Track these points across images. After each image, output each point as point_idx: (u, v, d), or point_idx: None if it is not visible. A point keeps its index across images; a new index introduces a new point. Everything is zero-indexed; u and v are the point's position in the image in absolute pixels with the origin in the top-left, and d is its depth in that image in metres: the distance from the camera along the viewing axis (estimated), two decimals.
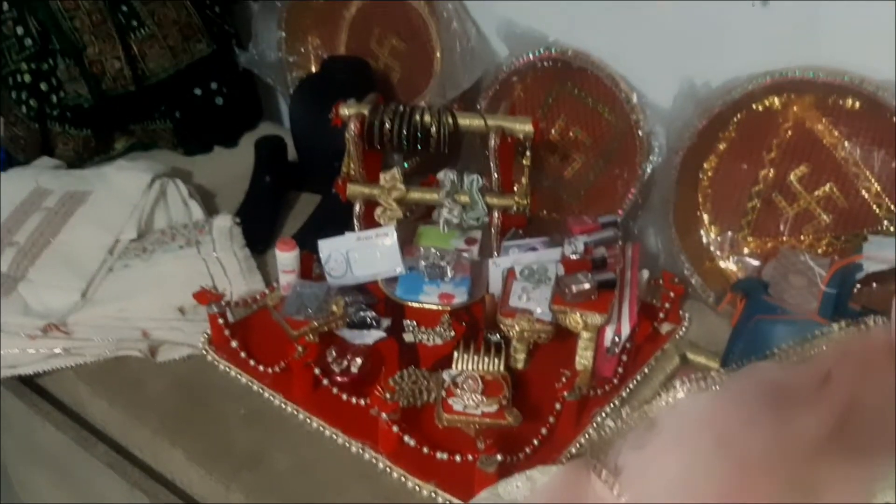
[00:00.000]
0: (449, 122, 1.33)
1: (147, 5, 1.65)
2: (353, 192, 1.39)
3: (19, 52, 1.66)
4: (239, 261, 1.42)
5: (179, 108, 1.75)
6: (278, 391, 1.21)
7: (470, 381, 1.11)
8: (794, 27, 1.26)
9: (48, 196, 1.51)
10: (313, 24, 1.77)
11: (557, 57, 1.48)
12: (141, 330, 1.30)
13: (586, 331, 1.17)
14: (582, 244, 1.22)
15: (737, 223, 1.39)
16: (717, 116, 1.32)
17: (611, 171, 1.50)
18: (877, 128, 1.23)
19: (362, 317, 1.29)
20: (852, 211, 1.29)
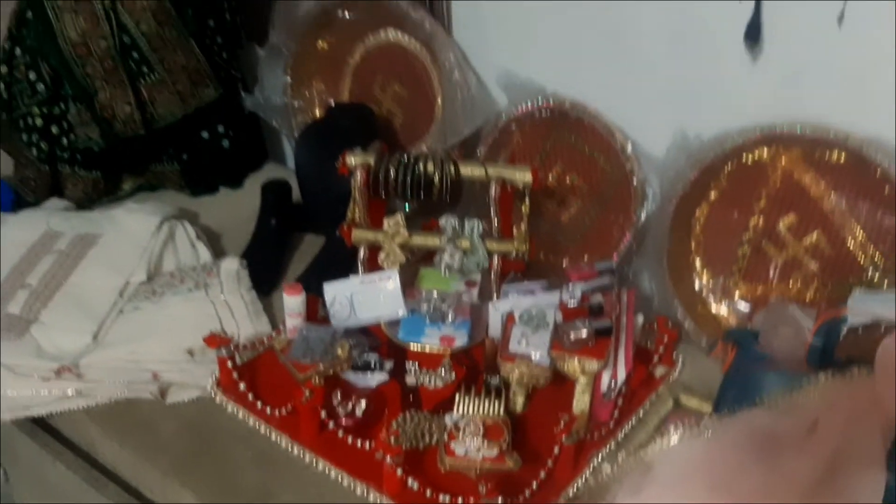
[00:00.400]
0: (451, 172, 1.39)
1: (157, 52, 1.70)
2: (358, 237, 1.43)
3: (31, 97, 1.71)
4: (246, 303, 1.46)
5: (187, 151, 1.80)
6: (285, 433, 1.24)
7: (471, 426, 1.15)
8: (782, 83, 1.31)
9: (59, 238, 1.56)
10: (318, 69, 1.83)
11: (555, 107, 1.54)
12: (151, 372, 1.34)
13: (584, 376, 1.21)
14: (579, 291, 1.26)
15: (728, 269, 1.44)
16: (708, 167, 1.38)
17: (606, 216, 1.55)
18: (861, 181, 1.28)
19: (366, 360, 1.33)
20: (839, 259, 1.34)
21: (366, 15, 1.70)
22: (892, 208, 1.26)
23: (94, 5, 1.64)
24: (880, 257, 1.30)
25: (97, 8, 1.64)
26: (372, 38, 1.75)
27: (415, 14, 1.60)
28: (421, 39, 1.66)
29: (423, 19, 1.60)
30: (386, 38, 1.73)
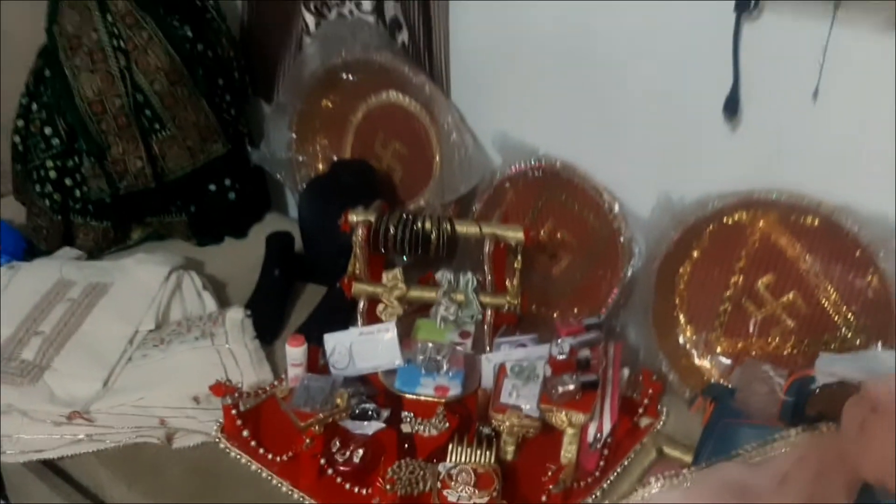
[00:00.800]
0: (448, 230, 1.47)
1: (169, 109, 1.78)
2: (358, 290, 1.51)
3: (46, 150, 1.79)
4: (250, 352, 1.53)
5: (195, 203, 1.88)
6: (286, 479, 1.31)
7: (463, 475, 1.22)
8: (759, 152, 1.40)
9: (72, 287, 1.62)
10: (322, 126, 1.91)
11: (547, 167, 1.62)
12: (158, 418, 1.40)
13: (571, 428, 1.28)
14: (568, 346, 1.33)
15: (710, 325, 1.51)
16: (691, 227, 1.46)
17: (595, 271, 1.63)
18: (834, 244, 1.36)
19: (364, 408, 1.39)
20: (814, 317, 1.41)
21: (368, 77, 1.79)
22: (863, 271, 1.34)
23: (110, 65, 1.72)
24: (853, 317, 1.38)
25: (113, 68, 1.73)
26: (374, 99, 1.84)
27: (415, 78, 1.69)
28: (421, 101, 1.75)
29: (424, 83, 1.69)
30: (387, 99, 1.82)
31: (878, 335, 1.34)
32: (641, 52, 1.46)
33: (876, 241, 1.30)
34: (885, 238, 1.30)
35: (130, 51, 1.74)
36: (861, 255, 1.33)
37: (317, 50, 1.80)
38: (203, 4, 1.86)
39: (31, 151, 1.83)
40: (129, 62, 1.74)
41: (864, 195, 1.31)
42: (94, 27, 1.72)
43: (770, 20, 1.33)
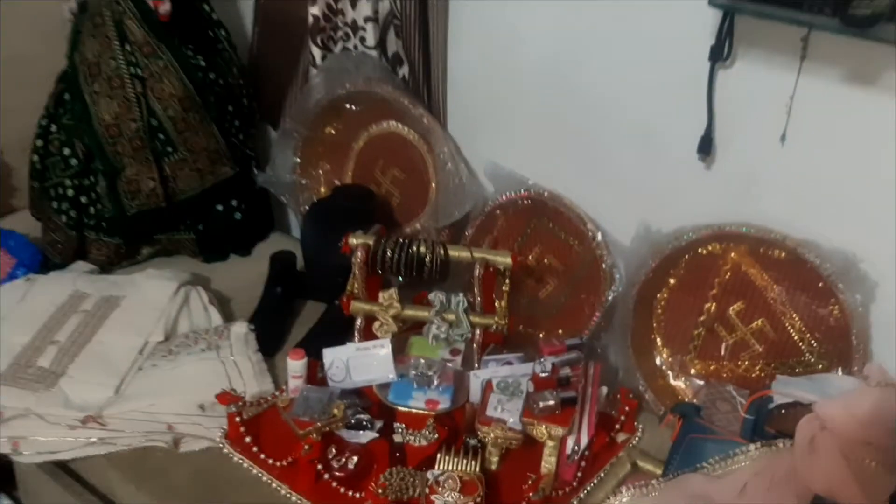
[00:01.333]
0: (441, 254, 1.57)
1: (181, 134, 1.89)
2: (356, 308, 1.61)
3: (64, 170, 1.90)
4: (252, 364, 1.62)
5: (202, 222, 1.98)
6: (285, 483, 1.40)
7: (450, 481, 1.31)
8: (731, 189, 1.51)
9: (86, 299, 1.72)
10: (325, 152, 2.02)
11: (535, 196, 1.73)
12: (166, 424, 1.50)
13: (550, 440, 1.38)
14: (550, 364, 1.44)
15: (685, 347, 1.62)
16: (668, 257, 1.57)
17: (578, 295, 1.73)
18: (799, 276, 1.47)
19: (359, 419, 1.49)
20: (780, 342, 1.52)
21: (370, 108, 1.90)
22: (825, 301, 1.44)
23: (127, 91, 1.83)
24: (816, 343, 1.48)
25: (129, 94, 1.83)
26: (375, 128, 1.95)
27: (414, 110, 1.80)
28: (419, 131, 1.85)
29: (422, 115, 1.80)
30: (387, 128, 1.93)
31: (840, 360, 1.45)
32: (625, 93, 1.58)
33: (837, 273, 1.41)
34: (846, 271, 1.41)
35: (147, 78, 1.85)
36: (823, 286, 1.43)
37: (322, 81, 1.91)
38: (215, 35, 1.97)
39: (49, 170, 1.93)
40: (144, 89, 1.85)
41: (827, 231, 1.42)
42: (112, 55, 1.83)
43: (742, 69, 1.44)
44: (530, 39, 1.67)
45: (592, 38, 1.59)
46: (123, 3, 1.83)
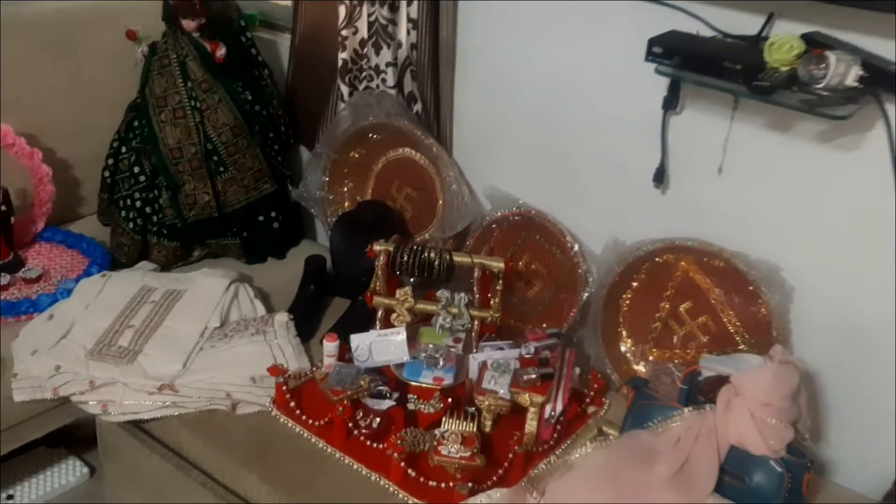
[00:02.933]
0: (447, 259, 1.94)
1: (232, 156, 2.25)
2: (378, 302, 1.98)
3: (134, 185, 2.26)
4: (293, 346, 1.99)
5: (247, 230, 2.35)
6: (322, 438, 1.76)
7: (453, 436, 1.68)
8: (681, 210, 1.88)
9: (153, 292, 2.09)
10: (350, 172, 2.38)
11: (525, 213, 2.10)
12: (225, 392, 1.86)
13: (532, 406, 1.74)
14: (533, 348, 1.80)
15: (645, 338, 1.98)
16: (630, 264, 1.93)
17: (559, 295, 2.10)
18: (734, 281, 1.83)
19: (380, 390, 1.85)
20: (721, 335, 1.88)
21: (389, 136, 2.27)
22: (754, 301, 1.80)
23: (188, 121, 2.20)
24: (747, 335, 1.84)
25: (190, 123, 2.20)
26: (392, 153, 2.32)
27: (426, 140, 2.17)
28: (429, 157, 2.22)
29: (432, 144, 2.17)
30: (403, 154, 2.30)
31: (766, 348, 1.78)
32: (599, 132, 1.95)
33: (762, 279, 1.77)
34: (769, 277, 1.77)
35: (204, 110, 2.22)
36: (752, 290, 1.79)
37: (349, 113, 2.28)
38: (259, 74, 2.35)
39: (118, 185, 2.30)
40: (202, 118, 2.22)
41: (754, 244, 1.79)
42: (177, 90, 2.20)
43: (688, 115, 1.82)
44: (524, 85, 2.05)
45: (574, 85, 1.96)
46: (187, 48, 2.21)
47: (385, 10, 2.13)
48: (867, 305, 1.71)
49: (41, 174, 2.32)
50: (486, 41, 2.09)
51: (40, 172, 2.32)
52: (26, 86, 2.33)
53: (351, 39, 2.21)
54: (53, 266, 2.27)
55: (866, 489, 1.73)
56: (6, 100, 2.26)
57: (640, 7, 1.78)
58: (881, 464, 1.71)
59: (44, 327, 1.98)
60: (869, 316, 1.71)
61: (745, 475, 1.51)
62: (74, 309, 2.03)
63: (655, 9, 1.76)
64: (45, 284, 2.17)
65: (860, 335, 1.73)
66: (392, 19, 2.15)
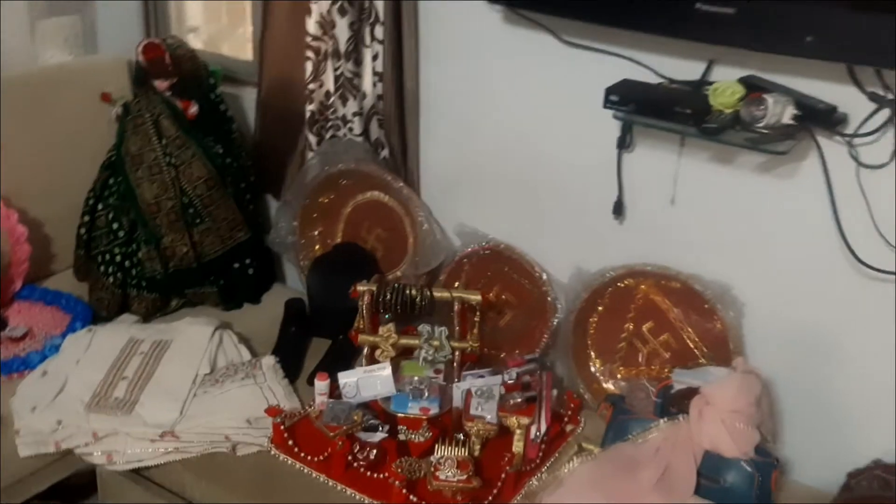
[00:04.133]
0: (428, 295, 2.07)
1: (207, 208, 2.34)
2: (363, 339, 2.09)
3: (113, 240, 2.33)
4: (282, 387, 2.08)
5: (224, 278, 2.44)
6: (322, 472, 1.86)
7: (449, 461, 1.80)
8: (639, 238, 2.05)
9: (141, 343, 2.16)
10: (319, 216, 2.50)
11: (493, 247, 2.25)
12: (224, 435, 1.94)
13: (519, 428, 1.87)
14: (515, 373, 1.94)
15: (612, 358, 2.14)
16: (595, 290, 2.09)
17: (530, 322, 2.25)
18: (691, 301, 2.00)
19: (372, 423, 1.96)
20: (681, 351, 2.05)
21: (358, 181, 2.39)
22: (710, 318, 1.98)
23: (164, 177, 2.29)
24: (706, 349, 2.02)
25: (166, 178, 2.29)
26: (361, 196, 2.44)
27: (395, 183, 2.31)
28: (398, 199, 2.36)
29: (402, 187, 2.30)
30: (372, 197, 2.42)
31: (723, 361, 1.96)
32: (561, 170, 2.12)
33: (716, 297, 1.95)
34: (722, 295, 1.95)
35: (178, 165, 2.31)
36: (708, 308, 1.97)
37: (318, 161, 2.40)
38: (228, 127, 2.45)
39: (95, 241, 2.37)
40: (178, 174, 2.31)
41: (706, 266, 1.96)
42: (152, 148, 2.29)
43: (640, 152, 2.00)
44: (486, 130, 2.21)
45: (534, 130, 2.13)
46: (159, 106, 2.30)
47: (350, 64, 2.26)
48: (809, 316, 1.90)
49: (17, 234, 2.36)
50: (449, 90, 2.24)
51: (17, 233, 2.36)
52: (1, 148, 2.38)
53: (317, 92, 2.34)
54: (36, 324, 2.31)
55: (822, 484, 1.90)
56: None
57: (591, 57, 1.96)
58: (834, 460, 1.88)
59: (39, 384, 2.04)
60: (812, 325, 1.90)
61: (720, 476, 1.67)
62: (66, 364, 2.09)
63: (604, 59, 1.94)
64: (32, 342, 2.22)
65: (805, 343, 1.92)
66: (357, 72, 2.28)
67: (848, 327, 1.86)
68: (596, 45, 1.96)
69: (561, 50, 2.02)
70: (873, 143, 1.72)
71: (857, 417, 1.89)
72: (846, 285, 1.83)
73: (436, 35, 2.20)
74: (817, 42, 1.58)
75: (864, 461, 1.82)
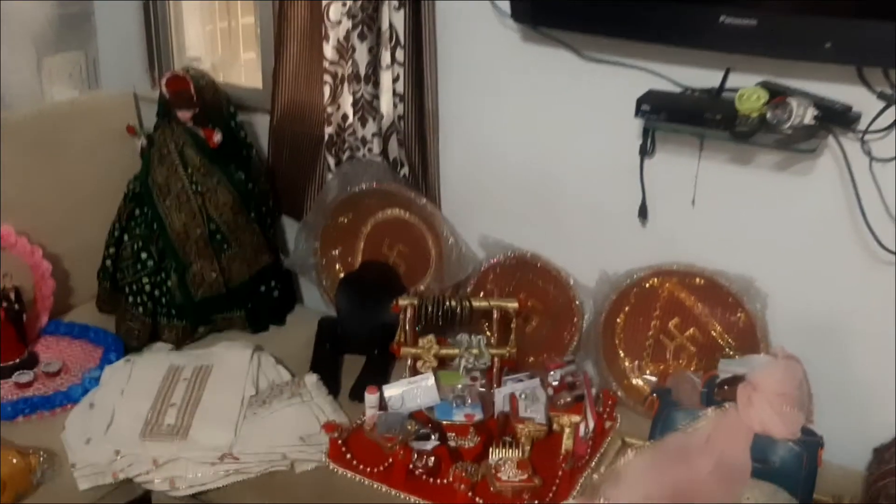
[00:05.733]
0: (467, 306, 2.14)
1: (233, 233, 2.39)
2: (406, 352, 2.16)
3: (141, 270, 2.36)
4: (328, 404, 2.13)
5: (251, 301, 2.47)
6: (383, 482, 1.91)
7: (509, 463, 1.87)
8: (663, 239, 2.16)
9: (183, 370, 2.18)
10: (340, 237, 2.55)
11: (518, 256, 2.33)
12: (281, 453, 1.98)
13: (568, 427, 1.96)
14: (559, 375, 2.03)
15: (640, 355, 2.24)
16: (622, 291, 2.19)
17: (556, 327, 2.34)
18: (715, 295, 2.12)
19: (425, 432, 2.02)
20: (707, 344, 2.16)
21: (378, 200, 2.46)
22: (734, 311, 2.09)
23: (192, 205, 2.33)
24: (732, 341, 2.13)
25: (194, 206, 2.33)
26: (380, 214, 2.51)
27: (418, 200, 2.38)
28: (420, 215, 2.43)
29: (425, 203, 2.38)
30: (391, 214, 2.49)
31: (750, 351, 2.08)
32: (581, 180, 2.21)
33: (740, 291, 2.07)
34: (746, 289, 2.07)
35: (204, 193, 2.35)
36: (732, 301, 2.08)
37: (338, 182, 2.46)
38: (248, 153, 2.49)
39: (122, 272, 2.39)
40: (204, 201, 2.35)
41: (730, 262, 2.08)
42: (178, 178, 2.32)
43: (662, 157, 2.10)
44: (506, 144, 2.30)
45: (556, 141, 2.22)
46: (182, 136, 2.34)
47: (370, 86, 2.33)
48: (828, 302, 2.02)
49: (42, 270, 2.38)
50: (467, 107, 2.32)
51: (41, 268, 2.37)
52: (17, 186, 2.39)
53: (335, 115, 2.40)
54: (67, 358, 2.32)
55: (849, 461, 2.01)
56: (5, 201, 2.33)
57: (608, 70, 2.07)
58: (858, 438, 2.00)
59: (88, 416, 2.05)
60: (832, 312, 2.03)
61: (769, 458, 1.78)
62: (111, 396, 2.10)
63: (621, 71, 2.05)
64: (68, 376, 2.23)
65: (827, 329, 2.05)
66: (376, 94, 2.35)
67: (865, 311, 1.98)
68: (614, 58, 2.07)
69: (579, 64, 2.12)
70: (884, 139, 1.86)
71: (879, 396, 2.01)
72: (862, 271, 1.95)
73: (454, 55, 2.28)
74: (835, 47, 1.71)
75: (888, 437, 1.95)
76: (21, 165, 2.41)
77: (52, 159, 2.50)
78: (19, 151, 2.42)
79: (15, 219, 2.38)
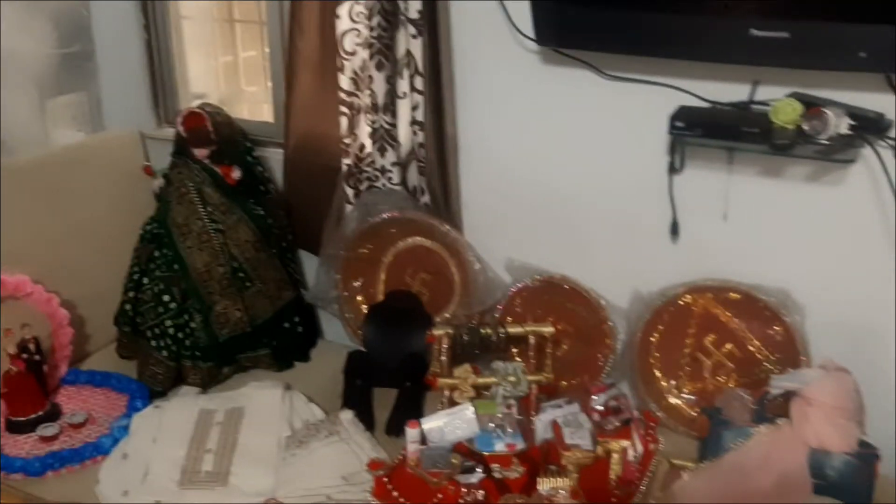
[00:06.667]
0: (503, 333, 2.11)
1: (256, 270, 2.34)
2: (442, 383, 2.11)
3: (164, 313, 2.30)
4: (366, 440, 2.09)
5: (275, 339, 2.43)
6: None
7: (562, 492, 1.83)
8: (696, 256, 2.14)
9: (215, 413, 2.13)
10: (361, 268, 2.51)
11: (545, 279, 2.31)
12: (325, 495, 1.93)
13: (616, 453, 1.92)
14: (603, 399, 1.99)
15: (677, 374, 2.21)
16: (657, 309, 2.17)
17: (589, 349, 2.31)
18: (751, 309, 2.10)
19: (469, 465, 1.98)
20: (745, 359, 2.14)
21: (400, 228, 2.43)
22: (772, 324, 2.08)
23: (213, 244, 2.28)
24: (770, 355, 2.11)
25: (215, 245, 2.28)
26: (401, 243, 2.47)
27: (441, 227, 2.35)
28: (443, 242, 2.39)
29: (447, 230, 2.34)
30: (413, 242, 2.45)
31: (789, 363, 2.06)
32: (608, 199, 2.20)
33: (777, 304, 2.05)
34: (783, 301, 2.05)
35: (225, 230, 2.31)
36: (770, 314, 2.07)
37: (358, 213, 2.43)
38: (266, 188, 2.45)
39: (143, 315, 2.33)
40: (225, 239, 2.30)
41: (766, 275, 2.07)
42: (198, 217, 2.28)
43: (691, 172, 2.09)
44: (528, 166, 2.28)
45: (579, 161, 2.20)
46: (200, 175, 2.30)
47: (388, 116, 2.31)
48: (868, 313, 2.01)
49: (59, 318, 2.32)
50: (487, 131, 2.30)
51: (58, 317, 2.31)
52: (28, 234, 2.34)
53: (353, 146, 2.37)
54: (91, 407, 2.26)
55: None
56: (16, 249, 2.26)
57: (631, 88, 2.06)
58: None
59: (122, 467, 1.99)
60: (869, 320, 2.02)
61: (826, 472, 1.75)
62: (143, 445, 2.05)
63: (644, 88, 2.04)
64: (95, 427, 2.17)
65: (864, 337, 2.03)
66: (394, 123, 2.33)
67: None
68: (636, 75, 2.06)
69: (601, 83, 2.11)
70: None
71: None
72: None
73: (472, 79, 2.26)
74: (871, 56, 1.70)
75: None
76: (29, 212, 2.35)
77: (61, 204, 2.44)
78: (26, 198, 2.37)
79: (25, 267, 2.32)
